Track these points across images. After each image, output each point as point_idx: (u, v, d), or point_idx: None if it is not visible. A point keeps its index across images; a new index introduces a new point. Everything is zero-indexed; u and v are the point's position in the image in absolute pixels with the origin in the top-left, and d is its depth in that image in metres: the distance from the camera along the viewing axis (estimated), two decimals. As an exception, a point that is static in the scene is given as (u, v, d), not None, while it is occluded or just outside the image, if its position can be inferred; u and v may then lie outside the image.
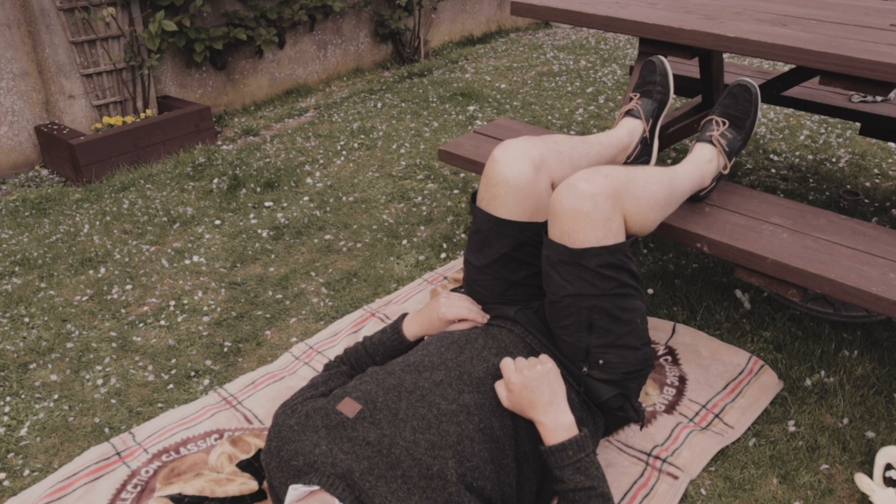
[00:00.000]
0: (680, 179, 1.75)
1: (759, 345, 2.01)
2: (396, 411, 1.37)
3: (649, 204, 1.58)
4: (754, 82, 1.89)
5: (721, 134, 1.86)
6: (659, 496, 1.55)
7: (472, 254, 1.69)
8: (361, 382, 1.47)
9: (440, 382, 1.42)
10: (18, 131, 3.31)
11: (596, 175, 1.48)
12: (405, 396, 1.39)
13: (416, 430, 1.33)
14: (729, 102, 1.90)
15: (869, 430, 1.72)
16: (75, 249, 2.62)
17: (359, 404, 1.39)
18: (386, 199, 2.93)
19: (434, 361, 1.47)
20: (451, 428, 1.35)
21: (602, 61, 4.74)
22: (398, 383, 1.43)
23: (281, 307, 2.27)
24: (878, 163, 3.13)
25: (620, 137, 1.90)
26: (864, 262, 1.66)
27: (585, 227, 1.45)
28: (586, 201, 1.45)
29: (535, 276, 1.66)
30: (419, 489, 1.25)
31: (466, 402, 1.40)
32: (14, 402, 1.91)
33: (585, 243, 1.45)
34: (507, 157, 1.60)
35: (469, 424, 1.36)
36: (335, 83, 4.51)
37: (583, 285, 1.47)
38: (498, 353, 1.51)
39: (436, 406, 1.38)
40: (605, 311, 1.48)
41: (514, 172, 1.58)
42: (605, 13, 2.07)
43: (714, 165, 1.87)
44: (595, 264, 1.45)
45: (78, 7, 3.19)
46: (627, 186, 1.52)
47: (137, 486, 1.61)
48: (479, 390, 1.42)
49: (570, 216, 1.45)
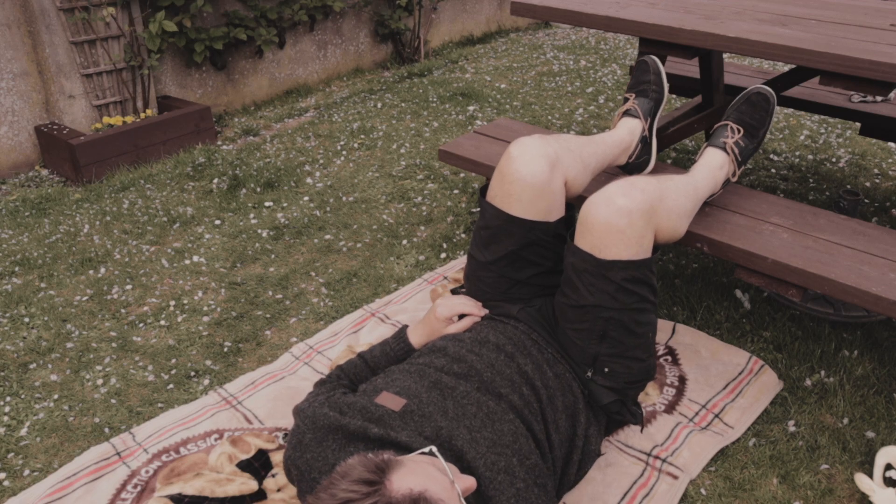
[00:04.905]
0: (700, 188, 1.75)
1: (759, 345, 2.01)
2: (445, 409, 1.33)
3: (679, 216, 1.58)
4: (773, 91, 1.87)
5: (735, 142, 1.85)
6: (659, 496, 1.55)
7: (477, 249, 1.68)
8: (392, 379, 1.42)
9: (479, 389, 1.39)
10: (18, 131, 3.31)
11: (633, 190, 1.46)
12: (448, 394, 1.37)
13: (471, 429, 1.30)
14: (746, 109, 1.87)
15: (869, 430, 1.72)
16: (75, 249, 2.62)
17: (402, 398, 1.34)
18: (386, 199, 2.93)
19: (463, 369, 1.44)
20: (504, 427, 1.32)
21: (602, 61, 4.74)
22: (436, 381, 1.39)
23: (281, 307, 2.27)
24: (878, 163, 3.13)
25: (622, 137, 1.90)
26: (864, 262, 1.66)
27: (619, 244, 1.43)
28: (623, 218, 1.43)
29: (539, 275, 1.66)
30: (485, 479, 1.23)
31: (510, 403, 1.38)
32: (14, 402, 1.91)
33: (615, 257, 1.44)
34: (524, 155, 1.58)
35: (518, 424, 1.35)
36: (335, 83, 4.51)
37: (605, 298, 1.46)
38: (515, 351, 1.50)
39: (484, 405, 1.35)
40: (621, 323, 1.47)
41: (531, 170, 1.56)
42: (605, 13, 2.07)
43: (724, 172, 1.86)
44: (620, 278, 1.44)
45: (78, 7, 3.18)
46: (662, 201, 1.51)
47: (137, 486, 1.61)
48: (515, 391, 1.41)
49: (604, 231, 1.43)
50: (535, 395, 1.43)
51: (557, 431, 1.43)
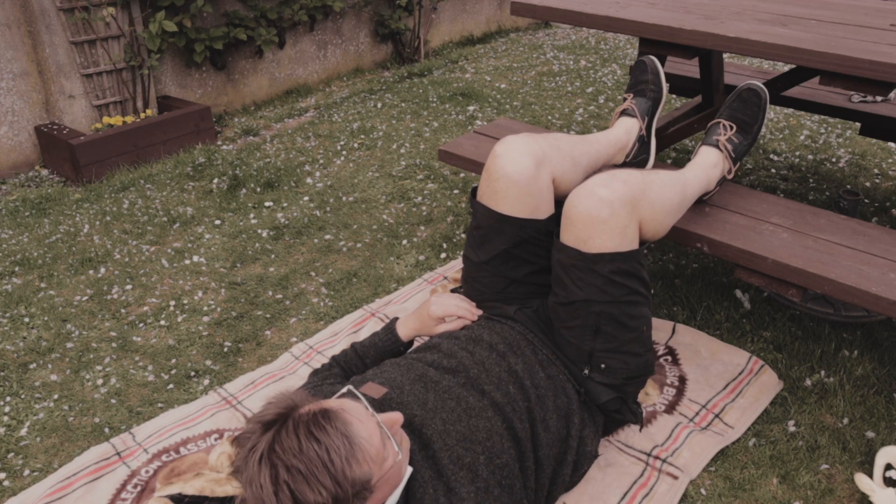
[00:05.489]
0: (690, 185, 1.74)
1: (759, 345, 2.01)
2: (425, 401, 1.35)
3: (664, 210, 1.57)
4: (764, 87, 1.88)
5: (728, 139, 1.85)
6: (659, 496, 1.55)
7: (471, 250, 1.69)
8: (381, 371, 1.45)
9: (463, 384, 1.41)
10: (18, 131, 3.31)
11: (614, 181, 1.46)
12: (431, 387, 1.38)
13: (446, 421, 1.31)
14: (738, 106, 1.88)
15: (869, 430, 1.72)
16: (75, 249, 2.62)
17: (384, 388, 1.37)
18: (386, 199, 2.93)
19: (452, 364, 1.46)
20: (480, 423, 1.33)
21: (602, 61, 4.74)
22: (422, 374, 1.41)
23: (281, 307, 2.27)
24: (878, 163, 3.13)
25: (618, 136, 1.90)
26: (864, 262, 1.65)
27: (602, 234, 1.43)
28: (604, 208, 1.42)
29: (534, 273, 1.66)
30: (448, 472, 1.25)
31: (491, 400, 1.39)
32: (14, 402, 1.91)
33: (600, 249, 1.44)
34: (508, 152, 1.58)
35: (496, 422, 1.36)
36: (335, 83, 4.51)
37: (594, 291, 1.45)
38: (507, 350, 1.51)
39: (464, 400, 1.37)
40: (613, 317, 1.47)
41: (515, 167, 1.57)
42: (605, 13, 2.07)
43: (719, 170, 1.86)
44: (608, 270, 1.44)
45: (78, 7, 3.18)
46: (644, 193, 1.50)
47: (137, 486, 1.61)
48: (499, 389, 1.42)
49: (586, 222, 1.43)
50: (522, 394, 1.44)
51: (547, 431, 1.43)
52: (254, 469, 1.04)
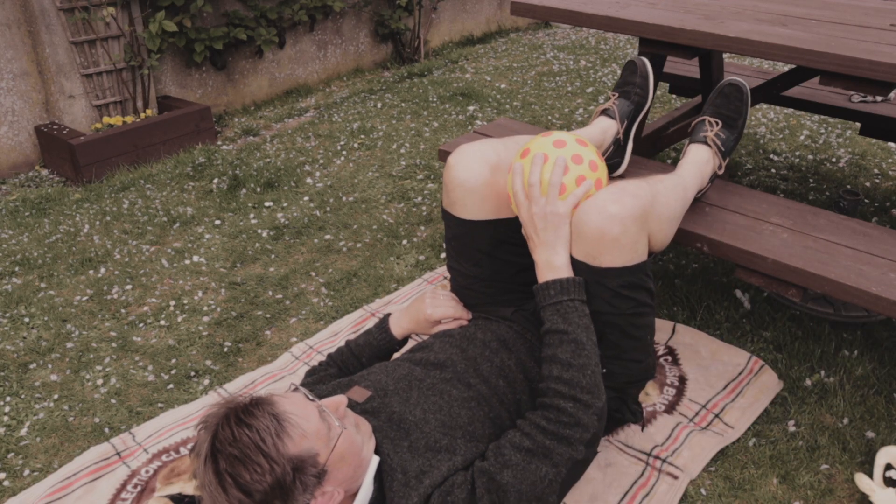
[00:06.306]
0: (689, 187, 1.74)
1: (759, 345, 2.01)
2: (408, 397, 1.37)
3: (670, 219, 1.56)
4: (744, 81, 1.88)
5: (716, 134, 1.85)
6: (659, 496, 1.55)
7: (453, 261, 1.69)
8: (369, 374, 1.47)
9: (449, 379, 1.42)
10: (18, 131, 3.31)
11: (624, 196, 1.42)
12: (416, 385, 1.40)
13: (426, 411, 1.33)
14: (720, 102, 1.88)
15: (869, 430, 1.72)
16: (75, 249, 2.62)
17: (368, 391, 1.39)
18: (386, 199, 2.93)
19: (440, 359, 1.47)
20: (462, 412, 1.35)
21: (602, 61, 4.74)
22: (408, 373, 1.43)
23: (281, 307, 2.27)
24: (878, 163, 3.13)
25: (593, 135, 1.87)
26: (864, 262, 1.65)
27: (613, 251, 1.41)
28: (616, 226, 1.39)
29: (522, 272, 1.65)
30: (423, 458, 1.26)
31: (477, 392, 1.40)
32: (14, 402, 1.91)
33: (610, 265, 1.42)
34: (461, 161, 1.59)
35: (479, 411, 1.37)
36: (335, 83, 4.51)
37: (600, 304, 1.45)
38: (500, 347, 1.51)
39: (447, 393, 1.38)
40: (618, 327, 1.47)
41: (469, 175, 1.58)
42: (605, 13, 2.07)
43: (710, 167, 1.86)
44: (616, 284, 1.43)
45: (78, 7, 3.19)
46: (653, 206, 1.47)
47: (137, 485, 1.61)
48: (487, 384, 1.43)
49: (597, 239, 1.41)
50: (510, 388, 1.44)
51: None
52: (201, 469, 1.10)
